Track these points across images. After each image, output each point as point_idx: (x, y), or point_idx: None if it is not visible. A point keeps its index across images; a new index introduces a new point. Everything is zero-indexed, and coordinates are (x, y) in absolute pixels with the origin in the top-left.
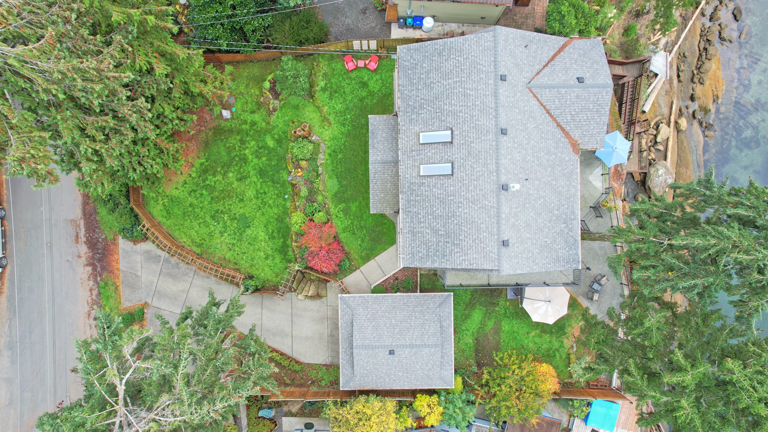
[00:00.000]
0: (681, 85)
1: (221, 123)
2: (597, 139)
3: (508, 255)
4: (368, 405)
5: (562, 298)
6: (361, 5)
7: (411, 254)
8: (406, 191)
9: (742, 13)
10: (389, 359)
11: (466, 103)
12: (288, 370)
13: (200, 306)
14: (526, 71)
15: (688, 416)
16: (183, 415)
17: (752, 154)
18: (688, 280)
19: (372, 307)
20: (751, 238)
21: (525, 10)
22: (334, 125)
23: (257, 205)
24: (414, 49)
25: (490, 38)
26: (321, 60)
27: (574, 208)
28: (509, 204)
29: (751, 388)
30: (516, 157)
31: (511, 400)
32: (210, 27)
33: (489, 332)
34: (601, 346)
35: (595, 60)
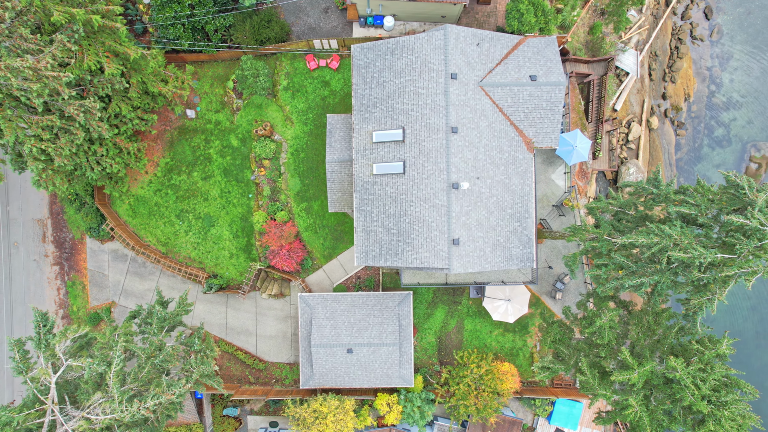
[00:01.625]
0: (653, 83)
1: (186, 122)
2: (552, 137)
3: (458, 253)
4: (325, 404)
5: (522, 297)
6: (323, 4)
7: (364, 253)
8: (360, 190)
9: (713, 11)
10: (348, 358)
11: (417, 101)
12: (252, 369)
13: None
14: (478, 70)
15: (637, 414)
16: (113, 413)
17: (724, 153)
18: (634, 279)
19: (331, 305)
20: (692, 237)
21: (487, 9)
22: (297, 124)
23: (222, 205)
24: (367, 48)
25: (440, 37)
26: (284, 59)
27: (528, 207)
28: (460, 202)
29: (694, 385)
30: (467, 156)
31: (470, 399)
32: (170, 27)
33: (452, 331)
34: (557, 345)
35: (549, 58)
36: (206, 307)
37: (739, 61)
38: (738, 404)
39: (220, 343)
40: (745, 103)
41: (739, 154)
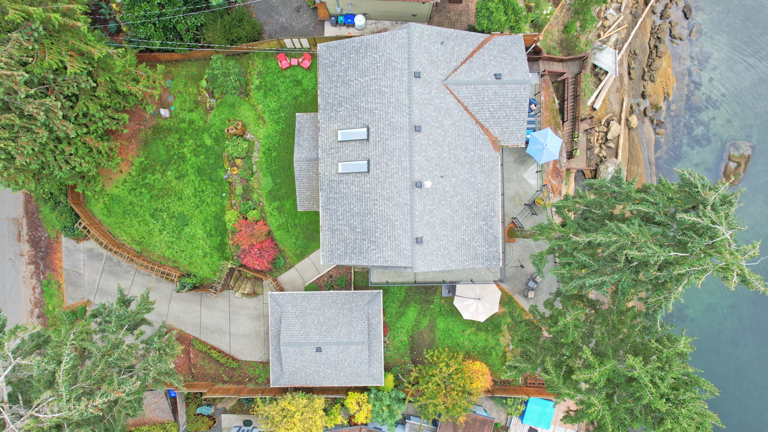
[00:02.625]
0: (632, 82)
1: (160, 122)
2: (517, 135)
3: (422, 252)
4: (293, 402)
5: (493, 295)
6: (294, 4)
7: (330, 252)
8: (326, 189)
9: (692, 11)
10: (317, 356)
11: (381, 100)
12: (226, 368)
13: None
14: (443, 68)
15: (599, 413)
16: (61, 411)
17: (703, 152)
18: (595, 277)
19: (301, 304)
20: (648, 235)
21: (459, 7)
22: (269, 123)
23: (195, 203)
24: (333, 47)
25: (404, 35)
26: (256, 58)
27: (494, 206)
28: (423, 201)
29: (652, 384)
30: (431, 154)
31: (438, 398)
32: (141, 26)
33: (424, 330)
34: (525, 344)
35: (514, 56)
36: (181, 306)
37: (718, 60)
38: (696, 402)
39: (194, 342)
40: (725, 102)
41: (718, 153)
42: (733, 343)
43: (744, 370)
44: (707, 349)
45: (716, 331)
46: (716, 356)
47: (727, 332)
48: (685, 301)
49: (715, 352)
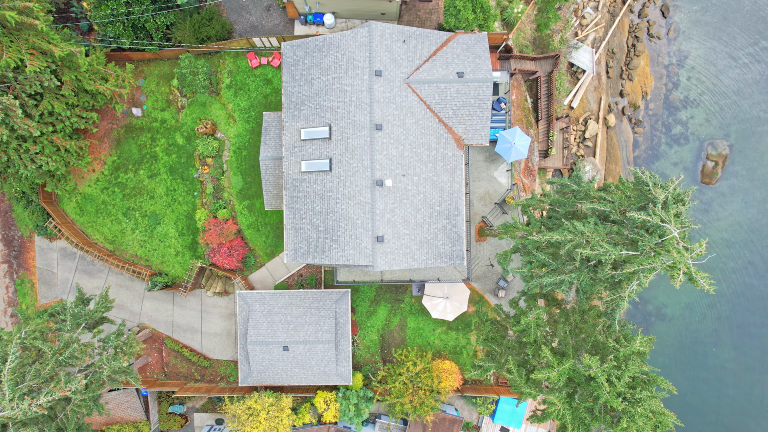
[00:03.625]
0: (610, 81)
1: (132, 121)
2: (481, 134)
3: (383, 251)
4: (260, 401)
5: (462, 294)
6: (265, 3)
7: (294, 250)
8: (289, 188)
9: (670, 9)
10: (284, 355)
11: (343, 99)
12: (198, 366)
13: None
14: (405, 66)
15: (560, 412)
16: (3, 411)
17: (682, 151)
18: (553, 276)
19: (269, 303)
20: (604, 233)
21: (429, 6)
22: (239, 122)
23: (167, 203)
24: (296, 46)
25: (365, 34)
26: (226, 57)
27: (458, 204)
28: (385, 200)
29: (608, 383)
30: (392, 153)
31: (405, 397)
32: (110, 25)
33: (394, 329)
34: (490, 343)
35: (478, 54)
36: (154, 305)
37: (696, 59)
38: (651, 401)
39: (166, 341)
40: (703, 101)
41: (696, 152)
42: (711, 343)
43: (723, 369)
44: (686, 348)
45: (695, 331)
46: (695, 355)
47: (705, 331)
48: (664, 300)
49: (694, 351)
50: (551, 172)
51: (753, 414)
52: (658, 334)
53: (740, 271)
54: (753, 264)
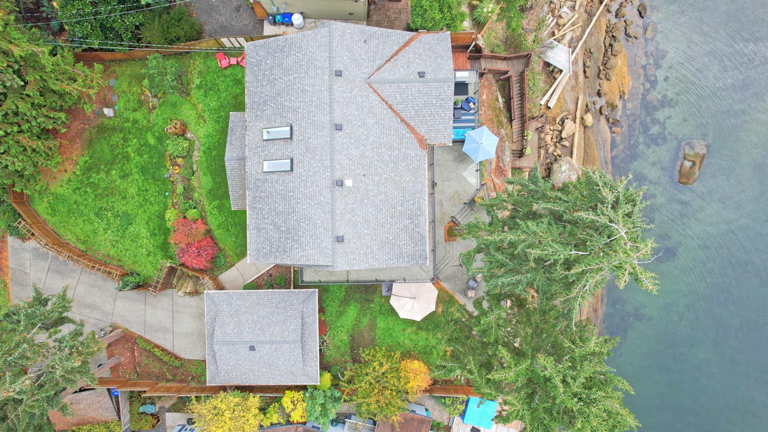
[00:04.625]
0: (587, 80)
1: (104, 121)
2: (444, 134)
3: (343, 251)
4: (225, 400)
5: (429, 294)
6: (234, 3)
7: (256, 250)
8: (252, 188)
9: (647, 9)
10: (250, 355)
11: (304, 99)
12: (170, 366)
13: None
14: (366, 66)
15: (519, 413)
16: None
17: (659, 151)
18: (509, 276)
19: (236, 303)
20: (557, 233)
21: (398, 6)
22: (209, 122)
23: (139, 202)
24: (259, 46)
25: (325, 34)
26: (197, 58)
27: (421, 204)
28: (345, 200)
29: (562, 383)
30: (353, 153)
31: (372, 397)
32: (78, 25)
33: (364, 329)
34: (454, 343)
35: (440, 54)
36: (126, 305)
37: (674, 58)
38: (606, 401)
39: (138, 341)
40: (680, 101)
41: (674, 151)
42: (689, 343)
43: (700, 369)
44: (663, 348)
45: (672, 331)
46: (672, 355)
47: (683, 331)
48: (642, 300)
49: (672, 351)
50: (527, 171)
51: (730, 414)
52: (636, 335)
53: (718, 272)
54: (731, 264)
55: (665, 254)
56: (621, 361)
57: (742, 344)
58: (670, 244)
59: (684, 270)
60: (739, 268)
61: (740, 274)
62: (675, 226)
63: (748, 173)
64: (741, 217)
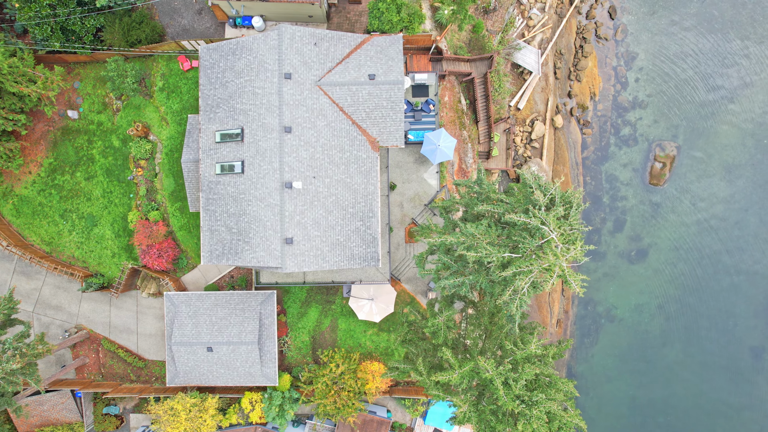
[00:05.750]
0: (558, 82)
1: (69, 123)
2: (396, 136)
3: (292, 253)
4: (181, 401)
5: (387, 296)
6: (196, 6)
7: (209, 252)
8: (206, 190)
9: (617, 11)
10: (208, 356)
11: (255, 101)
12: (134, 367)
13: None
14: (316, 69)
15: (465, 414)
16: None
17: (631, 152)
18: (452, 278)
19: (195, 304)
20: (495, 236)
21: (359, 8)
22: (171, 125)
23: (104, 204)
24: (212, 49)
25: (275, 37)
26: (160, 60)
27: (373, 206)
28: (294, 202)
29: (504, 385)
30: (302, 155)
31: (328, 398)
32: (37, 27)
33: (326, 330)
34: (407, 344)
35: (391, 57)
36: (91, 306)
37: (644, 60)
38: (547, 403)
39: (103, 342)
40: (651, 103)
41: (645, 153)
42: (660, 344)
43: (671, 369)
44: (635, 349)
45: (644, 332)
46: (644, 356)
47: (654, 332)
48: (614, 302)
49: (643, 352)
50: (496, 173)
51: (700, 415)
52: (608, 336)
53: (688, 273)
54: (701, 265)
55: (637, 255)
56: (593, 362)
57: (712, 345)
58: (641, 246)
59: (655, 271)
60: (710, 269)
61: (711, 274)
62: (646, 227)
63: (719, 175)
64: (711, 219)
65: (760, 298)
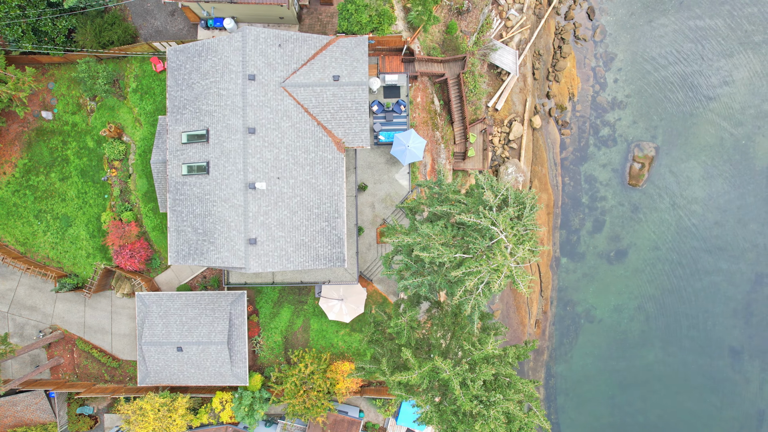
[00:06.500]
0: (536, 83)
1: (44, 124)
2: (361, 137)
3: (256, 253)
4: (149, 401)
5: (357, 296)
6: (169, 8)
7: (176, 252)
8: (173, 190)
9: (596, 12)
10: (179, 356)
11: (219, 103)
12: (108, 367)
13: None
14: (281, 70)
15: (427, 414)
16: None
17: (610, 153)
18: (411, 278)
19: (166, 304)
20: (450, 236)
21: (330, 9)
22: (145, 126)
23: (79, 205)
24: (179, 50)
25: (239, 38)
26: (134, 61)
27: (338, 207)
28: (258, 203)
29: (462, 386)
30: (267, 156)
31: (297, 398)
32: (7, 28)
33: (298, 330)
34: (374, 345)
35: (356, 58)
36: (66, 306)
37: (623, 61)
38: (505, 403)
39: (77, 342)
40: (630, 104)
41: (624, 153)
42: (640, 344)
43: (650, 370)
44: (614, 349)
45: (623, 332)
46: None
47: (634, 333)
48: (593, 302)
49: (622, 352)
50: (473, 173)
51: (679, 415)
52: (587, 336)
53: (668, 273)
54: (681, 265)
55: (616, 256)
56: (572, 362)
57: (692, 345)
58: (620, 246)
59: (635, 271)
60: (689, 269)
61: (690, 274)
62: (625, 227)
63: (698, 175)
64: (690, 219)
65: (739, 297)
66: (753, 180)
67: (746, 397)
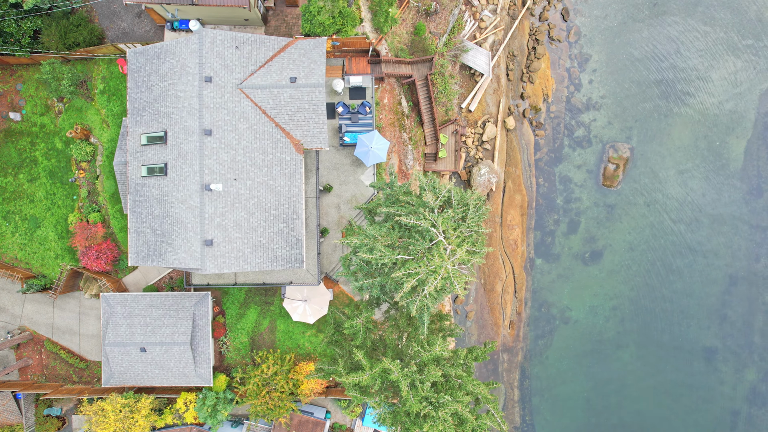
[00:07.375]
0: (511, 84)
1: (12, 125)
2: (320, 138)
3: (212, 254)
4: (111, 402)
5: (321, 297)
6: (136, 9)
7: (136, 253)
8: (133, 192)
9: (570, 13)
10: (142, 357)
11: (177, 104)
12: (76, 368)
13: None
14: (238, 72)
15: (381, 415)
16: None
17: (585, 154)
18: (362, 280)
19: (130, 305)
20: (396, 237)
21: (296, 11)
22: (112, 127)
23: (47, 206)
24: (139, 53)
25: (196, 41)
26: (101, 63)
27: (297, 208)
28: (214, 204)
29: (410, 387)
30: (223, 158)
31: (259, 399)
32: None
33: (264, 331)
34: (333, 345)
35: (314, 60)
36: (35, 307)
37: (598, 62)
38: (453, 405)
39: (46, 343)
40: (605, 105)
41: (598, 154)
42: (615, 345)
43: (625, 370)
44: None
45: (599, 333)
46: (599, 357)
47: (609, 333)
48: (568, 303)
49: (598, 353)
50: (446, 175)
51: (654, 415)
52: (562, 338)
53: (643, 274)
54: (655, 267)
55: (591, 257)
56: (547, 364)
57: (667, 346)
58: (595, 247)
59: (610, 272)
60: (664, 270)
61: (665, 275)
62: (600, 229)
63: (672, 176)
64: (665, 220)
65: (712, 299)
66: (727, 181)
67: (720, 397)
